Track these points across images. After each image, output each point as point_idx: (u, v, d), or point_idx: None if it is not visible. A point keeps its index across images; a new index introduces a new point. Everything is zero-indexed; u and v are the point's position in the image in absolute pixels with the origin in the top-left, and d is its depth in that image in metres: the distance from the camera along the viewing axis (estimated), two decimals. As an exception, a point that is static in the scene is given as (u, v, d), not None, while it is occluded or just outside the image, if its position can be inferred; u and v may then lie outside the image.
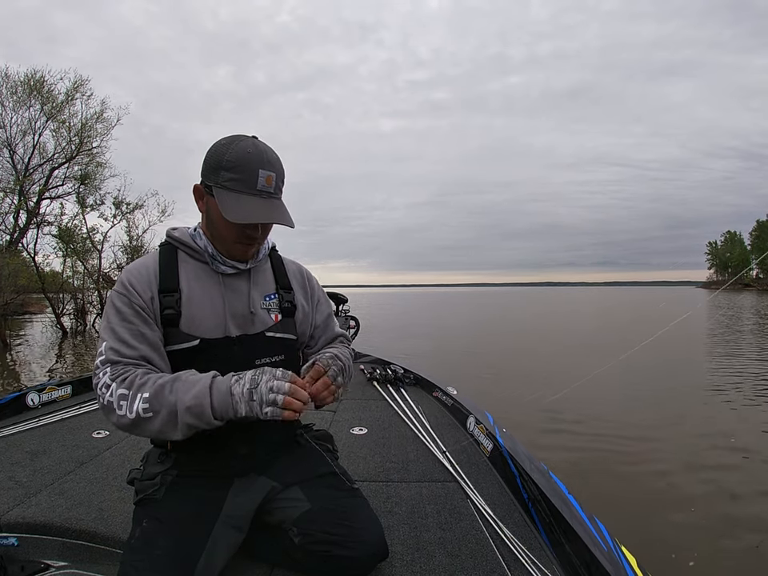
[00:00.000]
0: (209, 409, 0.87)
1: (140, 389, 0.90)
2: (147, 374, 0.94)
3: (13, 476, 1.59)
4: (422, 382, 3.00)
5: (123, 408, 0.90)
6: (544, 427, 3.99)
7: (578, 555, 1.07)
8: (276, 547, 1.10)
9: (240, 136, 1.01)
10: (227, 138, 1.01)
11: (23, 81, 12.21)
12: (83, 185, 13.19)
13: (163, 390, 0.89)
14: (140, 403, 0.89)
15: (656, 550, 2.12)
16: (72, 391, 2.69)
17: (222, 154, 0.98)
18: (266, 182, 0.98)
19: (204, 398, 0.87)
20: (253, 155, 0.98)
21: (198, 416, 0.88)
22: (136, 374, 0.93)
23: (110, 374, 0.94)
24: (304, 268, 1.30)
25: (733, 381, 5.84)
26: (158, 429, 0.90)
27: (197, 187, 1.06)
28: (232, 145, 0.98)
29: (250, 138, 1.01)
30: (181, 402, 0.88)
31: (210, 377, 0.91)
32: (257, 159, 0.98)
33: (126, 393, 0.90)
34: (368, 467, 1.73)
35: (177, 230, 1.13)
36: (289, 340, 1.17)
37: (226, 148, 0.98)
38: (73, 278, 13.43)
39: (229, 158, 0.97)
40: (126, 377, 0.93)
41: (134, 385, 0.91)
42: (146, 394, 0.89)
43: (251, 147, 0.98)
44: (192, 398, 0.87)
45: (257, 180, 0.97)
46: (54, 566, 1.16)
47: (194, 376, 0.93)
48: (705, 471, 3.07)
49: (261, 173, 0.97)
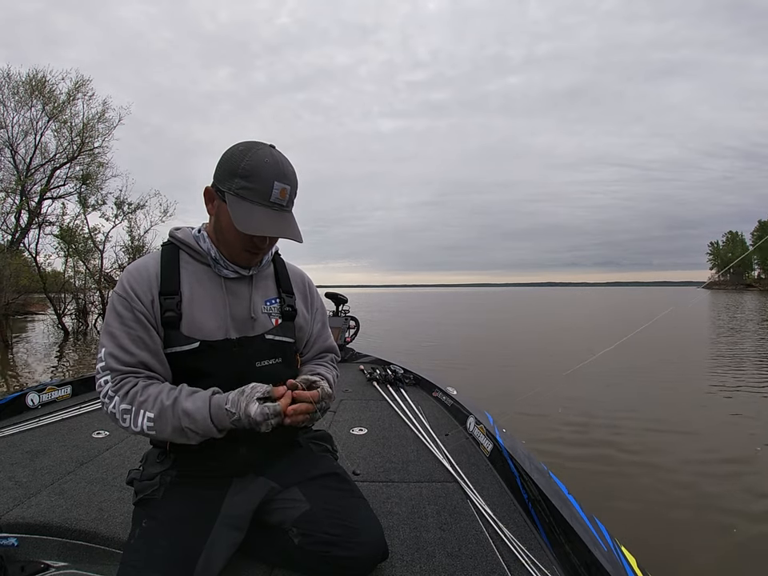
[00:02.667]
0: (214, 429, 0.94)
1: (142, 406, 0.95)
2: (146, 390, 0.97)
3: (13, 476, 1.59)
4: (421, 382, 3.00)
5: (127, 421, 0.96)
6: (544, 428, 3.99)
7: (577, 555, 1.07)
8: (275, 548, 1.09)
9: (258, 143, 1.00)
10: (245, 144, 1.00)
11: (25, 81, 12.24)
12: (85, 185, 13.20)
13: (166, 413, 0.94)
14: (145, 421, 0.94)
15: (656, 550, 2.11)
16: (72, 391, 2.70)
17: (239, 161, 0.96)
18: (280, 194, 0.98)
19: (205, 421, 0.93)
20: (269, 166, 0.97)
21: (203, 434, 0.95)
22: (136, 390, 0.96)
23: (112, 385, 0.97)
24: (306, 275, 1.30)
25: (736, 379, 5.84)
26: (165, 439, 0.99)
27: (208, 190, 1.04)
28: (249, 152, 0.97)
29: (268, 147, 1.00)
30: (185, 422, 0.93)
31: (207, 402, 0.94)
32: (273, 170, 0.97)
33: (128, 408, 0.95)
34: (368, 467, 1.72)
35: (180, 230, 1.12)
36: (287, 343, 1.17)
37: (243, 155, 0.97)
38: (74, 278, 13.45)
39: (245, 166, 0.96)
40: (126, 390, 0.96)
41: (135, 401, 0.95)
42: (149, 414, 0.94)
43: (269, 157, 0.97)
44: (193, 422, 0.93)
45: (271, 192, 0.97)
46: (53, 567, 1.16)
47: (192, 401, 0.95)
48: (706, 471, 3.06)
49: (276, 185, 0.97)
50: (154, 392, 0.96)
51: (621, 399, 5.02)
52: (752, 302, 31.32)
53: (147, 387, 0.97)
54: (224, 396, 0.95)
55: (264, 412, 0.91)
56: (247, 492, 1.08)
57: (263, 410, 0.91)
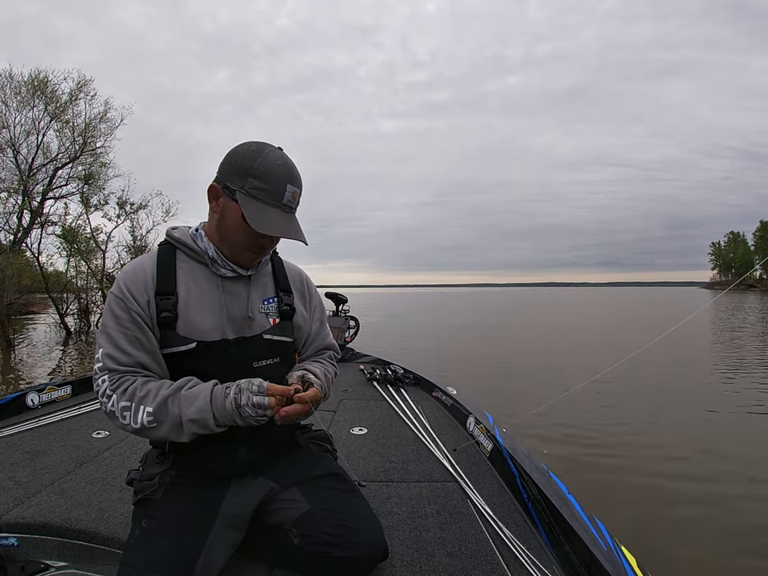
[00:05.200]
0: (212, 421, 0.94)
1: (142, 401, 0.94)
2: (146, 385, 0.97)
3: (13, 476, 1.59)
4: (421, 382, 3.01)
5: (127, 418, 0.95)
6: (543, 428, 3.98)
7: (577, 555, 1.06)
8: (275, 548, 1.09)
9: (268, 145, 1.01)
10: (255, 145, 1.00)
11: (27, 81, 12.24)
12: (87, 185, 13.19)
13: (166, 404, 0.94)
14: (144, 416, 0.94)
15: (656, 549, 2.11)
16: (72, 391, 2.70)
17: (252, 161, 0.97)
18: (291, 196, 1.01)
19: (207, 413, 0.93)
20: (282, 168, 0.99)
21: (202, 427, 0.94)
22: (135, 386, 0.96)
23: (109, 384, 0.97)
24: (304, 274, 1.29)
25: (741, 380, 5.83)
26: (163, 436, 0.97)
27: (214, 187, 1.03)
28: (262, 153, 0.98)
29: (278, 150, 1.01)
30: (185, 415, 0.93)
31: (209, 391, 0.95)
32: (286, 173, 0.99)
33: (128, 405, 0.95)
34: (368, 467, 1.72)
35: (177, 229, 1.12)
36: (285, 342, 1.16)
37: (256, 155, 0.98)
38: (76, 278, 13.45)
39: (259, 167, 0.97)
40: (125, 388, 0.96)
41: (135, 397, 0.95)
42: (149, 408, 0.94)
43: (281, 160, 0.99)
44: (195, 412, 0.93)
45: (283, 194, 0.99)
46: (53, 566, 1.16)
47: (194, 389, 0.96)
48: (706, 472, 3.05)
49: (288, 187, 0.99)
50: (154, 387, 0.96)
51: (622, 399, 5.01)
52: (757, 302, 31.23)
53: (147, 383, 0.97)
54: (224, 385, 0.97)
55: (257, 403, 0.92)
56: (247, 492, 1.08)
57: (255, 401, 0.92)
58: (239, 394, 0.93)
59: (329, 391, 1.14)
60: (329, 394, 1.15)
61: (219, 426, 0.95)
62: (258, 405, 0.92)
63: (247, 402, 0.92)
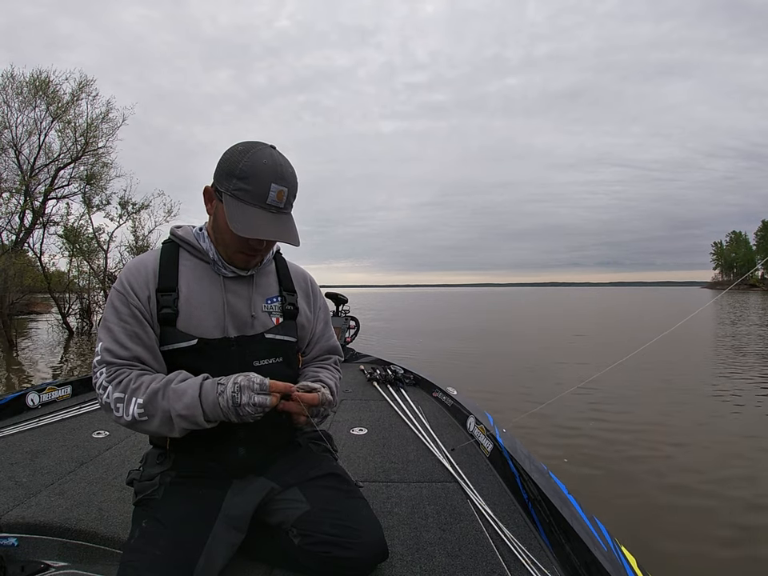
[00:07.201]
0: (201, 417, 0.92)
1: (134, 393, 0.94)
2: (140, 377, 0.97)
3: (13, 476, 1.60)
4: (421, 383, 3.00)
5: (120, 410, 0.95)
6: (543, 428, 3.97)
7: (577, 555, 1.06)
8: (275, 548, 1.09)
9: (258, 144, 0.99)
10: (244, 145, 0.99)
11: (29, 81, 12.25)
12: (89, 185, 13.20)
13: (156, 396, 0.93)
14: (135, 408, 0.94)
15: (656, 550, 2.10)
16: (72, 391, 2.70)
17: (237, 162, 0.96)
18: (277, 196, 0.97)
19: (195, 409, 0.92)
20: (268, 167, 0.96)
21: (191, 422, 0.93)
22: (130, 378, 0.96)
23: (106, 376, 0.97)
24: (308, 274, 1.29)
25: (743, 381, 5.81)
26: (155, 429, 0.96)
27: (207, 189, 1.04)
28: (248, 153, 0.96)
29: (268, 148, 0.99)
30: (173, 410, 0.92)
31: (198, 386, 0.94)
32: (271, 172, 0.96)
33: (121, 396, 0.95)
34: (368, 467, 1.72)
35: (181, 228, 1.12)
36: (288, 342, 1.16)
37: (242, 156, 0.96)
38: (78, 278, 13.46)
39: (243, 167, 0.95)
40: (120, 380, 0.96)
41: (128, 389, 0.95)
42: (140, 400, 0.93)
43: (267, 158, 0.96)
44: (183, 407, 0.92)
45: (267, 194, 0.96)
46: (53, 566, 1.16)
47: (183, 383, 0.95)
48: (706, 471, 3.04)
49: (273, 187, 0.96)
50: (146, 380, 0.96)
51: (622, 400, 4.99)
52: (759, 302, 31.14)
53: (141, 376, 0.97)
54: (215, 380, 0.95)
55: (258, 402, 0.91)
56: (247, 492, 1.08)
57: (257, 400, 0.91)
58: (238, 392, 0.91)
59: (335, 407, 1.11)
60: (334, 403, 1.11)
61: (209, 422, 0.94)
62: (260, 404, 0.91)
63: (248, 401, 0.90)
